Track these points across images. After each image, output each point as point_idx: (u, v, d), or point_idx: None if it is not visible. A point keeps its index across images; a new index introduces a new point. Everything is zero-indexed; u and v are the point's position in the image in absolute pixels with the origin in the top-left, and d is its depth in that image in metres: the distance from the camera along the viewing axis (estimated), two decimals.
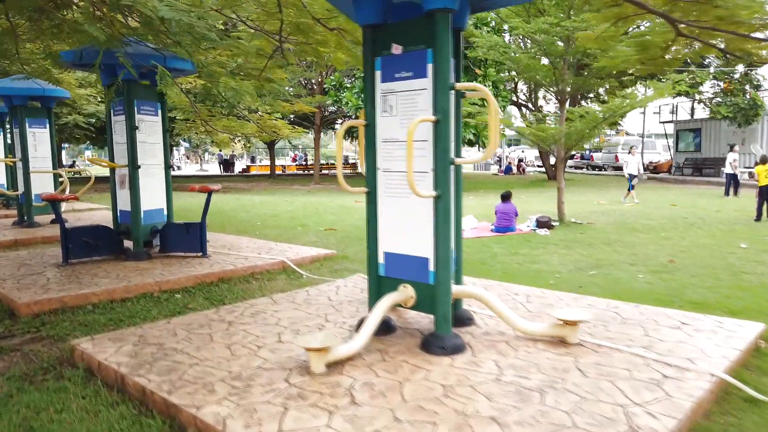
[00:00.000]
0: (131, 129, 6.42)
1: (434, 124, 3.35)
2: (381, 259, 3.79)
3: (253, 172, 41.92)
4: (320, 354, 3.12)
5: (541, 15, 8.91)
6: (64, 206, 10.38)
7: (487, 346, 3.53)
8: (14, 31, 7.52)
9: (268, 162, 49.33)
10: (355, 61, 5.64)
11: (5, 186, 12.79)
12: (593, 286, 5.49)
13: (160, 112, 6.83)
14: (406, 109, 3.54)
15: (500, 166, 36.67)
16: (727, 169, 16.01)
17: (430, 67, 3.38)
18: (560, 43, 8.93)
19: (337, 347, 3.18)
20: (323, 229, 9.86)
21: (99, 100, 17.67)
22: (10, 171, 13.26)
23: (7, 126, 14.74)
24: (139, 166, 6.50)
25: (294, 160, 50.42)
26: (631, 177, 15.24)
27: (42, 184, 9.80)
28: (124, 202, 6.70)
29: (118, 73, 6.34)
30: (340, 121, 38.08)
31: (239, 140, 19.09)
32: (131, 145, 6.44)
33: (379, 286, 3.80)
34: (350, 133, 39.04)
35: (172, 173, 7.31)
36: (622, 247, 7.70)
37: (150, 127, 6.69)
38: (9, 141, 10.21)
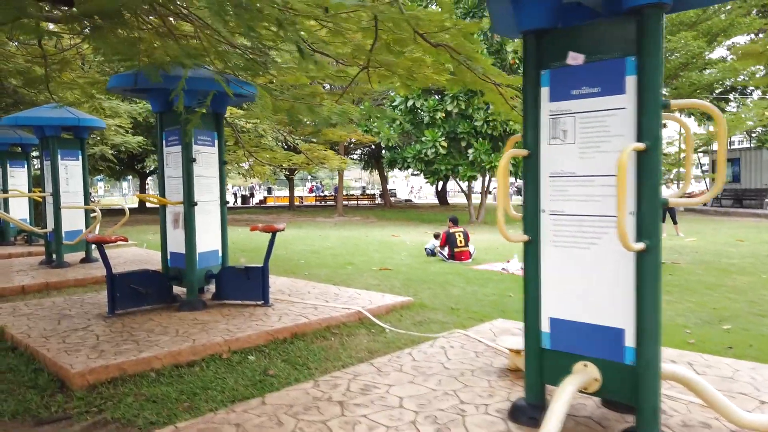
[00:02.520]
0: (188, 161, 5.69)
1: (640, 153, 2.56)
2: (545, 327, 2.95)
3: (270, 203, 41.32)
4: None
5: None
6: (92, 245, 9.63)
7: None
8: (45, 58, 6.89)
9: (281, 193, 48.91)
10: (454, 84, 4.89)
11: (28, 221, 12.09)
12: (745, 347, 4.60)
13: (216, 142, 6.11)
14: (589, 134, 2.75)
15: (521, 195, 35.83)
16: None
17: (630, 80, 2.60)
18: None
19: None
20: (377, 269, 9.03)
21: (124, 131, 17.14)
22: (34, 205, 12.60)
23: (33, 158, 14.21)
24: (195, 203, 5.74)
25: (311, 191, 49.88)
26: (671, 209, 14.31)
27: (72, 221, 9.07)
28: (176, 244, 5.92)
29: (176, 100, 5.67)
30: (358, 151, 37.60)
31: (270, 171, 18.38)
32: (188, 180, 5.70)
33: (541, 362, 2.96)
34: (368, 163, 38.51)
35: None
36: (731, 292, 6.81)
37: (206, 159, 5.96)
38: (40, 173, 9.54)
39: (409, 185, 58.27)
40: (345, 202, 35.07)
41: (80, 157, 9.16)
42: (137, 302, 5.62)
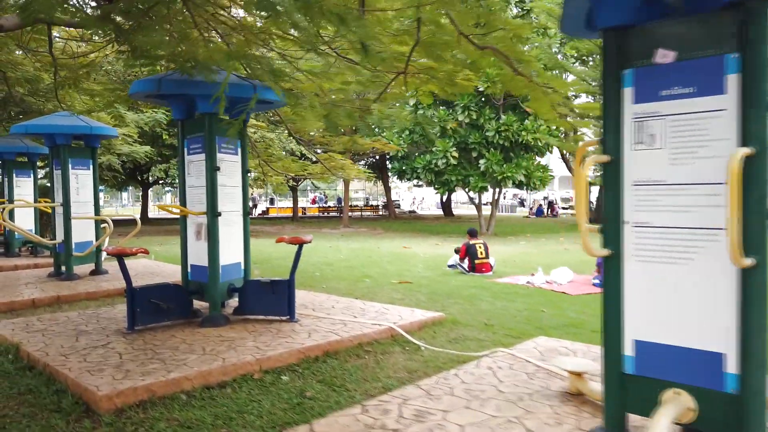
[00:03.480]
0: (212, 170, 5.44)
1: (745, 159, 2.32)
2: (628, 351, 2.70)
3: (272, 214, 41.05)
4: None
5: None
6: (104, 255, 9.38)
7: None
8: (54, 62, 6.68)
9: (283, 203, 48.51)
10: (495, 88, 4.66)
11: (34, 231, 11.81)
12: None
13: (240, 150, 5.87)
14: (683, 139, 2.51)
15: (530, 208, 35.67)
16: None
17: (731, 79, 2.37)
18: None
19: None
20: (396, 282, 8.76)
21: (132, 140, 16.91)
22: (40, 216, 12.32)
23: (39, 167, 13.96)
24: (219, 214, 5.49)
25: (314, 201, 49.60)
26: None
27: (82, 232, 8.80)
28: (197, 256, 5.66)
29: (198, 106, 5.45)
30: (363, 162, 37.38)
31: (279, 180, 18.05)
32: (211, 189, 5.45)
33: (623, 388, 2.70)
34: (373, 173, 38.26)
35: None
36: None
37: (230, 168, 5.71)
38: (50, 183, 9.28)
39: (412, 196, 58.06)
40: (349, 213, 34.79)
41: (91, 167, 8.91)
42: (157, 317, 5.35)
